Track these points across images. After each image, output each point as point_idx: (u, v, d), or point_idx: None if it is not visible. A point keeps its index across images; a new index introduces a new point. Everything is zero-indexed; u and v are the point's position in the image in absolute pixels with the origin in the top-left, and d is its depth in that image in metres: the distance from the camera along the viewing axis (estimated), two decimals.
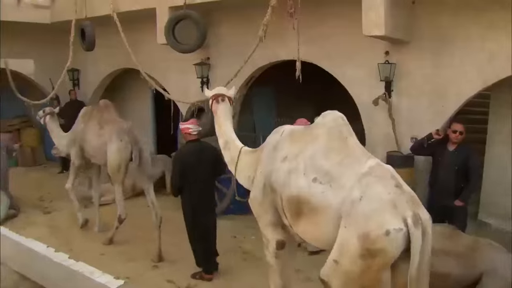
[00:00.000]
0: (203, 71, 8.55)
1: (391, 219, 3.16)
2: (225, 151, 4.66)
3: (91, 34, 8.82)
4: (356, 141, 3.75)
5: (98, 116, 7.04)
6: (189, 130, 5.58)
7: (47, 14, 10.32)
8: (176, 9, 7.54)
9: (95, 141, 6.84)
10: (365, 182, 3.32)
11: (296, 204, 3.63)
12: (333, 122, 3.80)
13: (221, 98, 4.76)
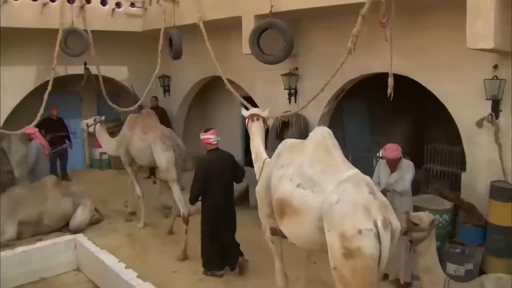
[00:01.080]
0: (291, 82, 8.33)
1: (363, 220, 3.66)
2: (255, 163, 5.46)
3: (178, 42, 8.99)
4: (339, 153, 4.34)
5: (142, 123, 8.07)
6: (209, 140, 6.20)
7: (140, 23, 10.76)
8: (262, 17, 7.40)
9: (139, 144, 7.82)
10: (342, 188, 3.87)
11: (280, 205, 4.33)
12: (321, 136, 4.45)
13: (256, 118, 5.61)
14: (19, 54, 10.22)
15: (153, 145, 7.48)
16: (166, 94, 12.10)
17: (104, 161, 12.84)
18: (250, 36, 7.31)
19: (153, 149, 7.48)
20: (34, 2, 9.48)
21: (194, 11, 8.53)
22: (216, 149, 6.25)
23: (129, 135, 8.08)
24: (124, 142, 8.19)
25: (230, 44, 9.24)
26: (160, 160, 7.41)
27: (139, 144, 7.84)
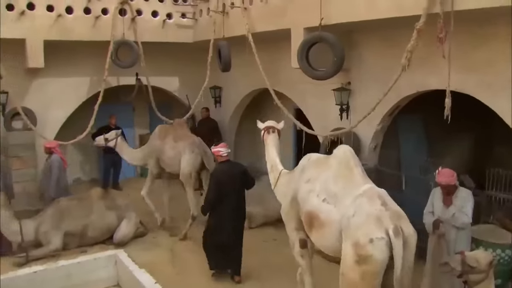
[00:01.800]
0: (343, 97, 7.99)
1: (375, 230, 4.10)
2: (270, 173, 5.98)
3: (226, 55, 8.88)
4: (360, 170, 4.80)
5: (173, 132, 8.75)
6: (220, 152, 6.62)
7: (190, 34, 10.78)
8: (311, 30, 7.13)
9: (171, 153, 8.50)
10: (358, 202, 4.37)
11: (309, 218, 4.85)
12: (343, 154, 4.95)
13: (272, 130, 6.17)
14: (72, 66, 10.51)
15: (183, 152, 8.31)
16: (217, 105, 12.01)
17: None
18: (299, 50, 7.05)
19: (182, 156, 8.30)
20: (86, 16, 9.69)
21: (243, 22, 8.40)
22: (227, 160, 6.70)
23: (160, 144, 8.68)
24: (154, 152, 8.77)
25: (280, 56, 9.02)
26: (184, 166, 8.26)
27: (170, 152, 8.51)
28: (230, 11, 9.09)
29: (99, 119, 11.50)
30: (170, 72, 11.71)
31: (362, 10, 6.34)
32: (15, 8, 9.09)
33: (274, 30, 8.12)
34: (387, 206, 4.27)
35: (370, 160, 7.89)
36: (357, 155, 7.89)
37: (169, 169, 8.68)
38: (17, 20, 9.09)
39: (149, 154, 8.90)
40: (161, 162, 8.74)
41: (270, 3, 8.05)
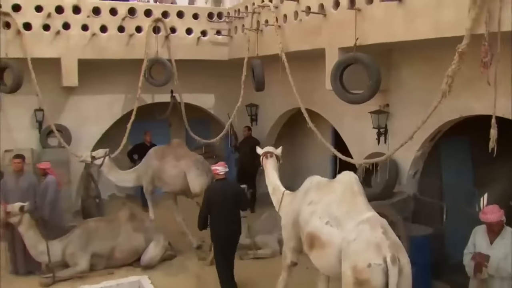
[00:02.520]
0: (380, 120, 7.56)
1: (374, 256, 4.34)
2: (273, 196, 6.30)
3: (260, 74, 8.65)
4: (363, 198, 5.06)
5: (173, 152, 8.93)
6: (217, 171, 6.82)
7: (225, 51, 10.62)
8: (346, 50, 6.76)
9: (173, 171, 8.70)
10: (360, 228, 4.61)
11: (311, 239, 5.11)
12: (348, 180, 5.19)
13: (270, 155, 6.56)
14: (106, 84, 10.59)
15: (188, 171, 8.55)
16: (254, 123, 11.78)
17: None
18: (332, 72, 6.69)
19: (188, 174, 8.53)
20: (120, 34, 9.71)
21: (277, 41, 8.13)
22: (223, 179, 6.87)
23: (158, 165, 8.88)
24: (150, 172, 8.95)
25: (316, 74, 8.66)
26: (194, 184, 8.45)
27: (173, 171, 8.71)
28: (264, 28, 8.86)
29: (135, 136, 11.61)
30: (205, 89, 11.61)
31: (400, 30, 5.93)
32: (51, 28, 9.20)
33: (308, 49, 7.81)
34: (387, 235, 4.52)
35: (409, 188, 7.42)
36: (394, 182, 7.62)
37: (168, 188, 8.95)
38: (53, 40, 9.22)
39: (143, 175, 9.05)
40: (158, 181, 8.98)
41: (304, 22, 7.74)
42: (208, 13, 10.47)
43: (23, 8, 9.04)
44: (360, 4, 6.45)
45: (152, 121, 11.52)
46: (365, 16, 6.40)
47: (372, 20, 6.32)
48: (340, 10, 6.91)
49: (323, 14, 7.20)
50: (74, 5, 9.35)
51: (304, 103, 8.78)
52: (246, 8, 9.57)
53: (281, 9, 8.33)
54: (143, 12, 9.89)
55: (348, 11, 6.59)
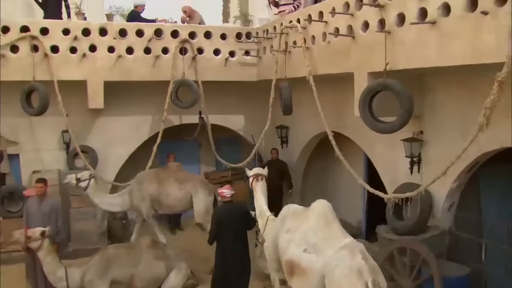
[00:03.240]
0: (413, 148, 7.09)
1: (356, 282, 4.68)
2: (259, 218, 6.78)
3: (287, 98, 8.33)
4: (337, 224, 5.40)
5: (173, 175, 9.09)
6: (224, 193, 7.17)
7: (254, 72, 10.36)
8: (376, 75, 6.34)
9: (179, 194, 8.88)
10: (340, 254, 4.92)
11: (290, 266, 5.38)
12: (322, 208, 5.57)
13: (260, 178, 7.09)
14: (133, 105, 10.50)
15: (195, 192, 8.79)
16: (284, 146, 11.42)
17: None
18: (360, 99, 6.27)
19: (194, 196, 8.77)
20: (147, 56, 9.59)
21: (305, 63, 7.78)
22: (230, 201, 7.21)
23: (158, 188, 8.95)
24: (148, 196, 8.97)
25: (347, 97, 8.23)
26: (200, 205, 8.73)
27: (179, 194, 8.88)
28: (292, 50, 8.54)
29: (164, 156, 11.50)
30: (234, 110, 11.37)
31: (433, 55, 5.47)
32: (78, 50, 9.18)
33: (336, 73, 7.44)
34: (366, 261, 4.81)
35: (444, 222, 6.87)
36: (428, 215, 7.09)
37: (168, 210, 9.23)
38: (79, 62, 9.19)
39: (139, 200, 9.03)
40: (158, 205, 9.05)
41: (333, 44, 7.37)
42: (237, 33, 10.23)
43: (51, 31, 9.06)
44: (390, 26, 6.04)
45: (181, 141, 11.37)
46: (396, 39, 5.97)
47: (403, 43, 5.89)
48: (369, 33, 6.50)
49: (352, 36, 6.82)
50: (101, 27, 9.30)
51: (334, 127, 8.44)
52: (274, 29, 9.29)
53: (309, 30, 7.99)
54: (170, 33, 9.74)
55: (378, 33, 6.19)
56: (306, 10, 8.42)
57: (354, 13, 6.81)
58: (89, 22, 9.38)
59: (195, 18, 10.76)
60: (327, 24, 7.46)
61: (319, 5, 7.92)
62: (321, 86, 7.85)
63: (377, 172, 8.37)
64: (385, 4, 6.11)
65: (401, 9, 5.88)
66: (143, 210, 9.11)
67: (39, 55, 9.00)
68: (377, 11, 6.22)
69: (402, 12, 5.88)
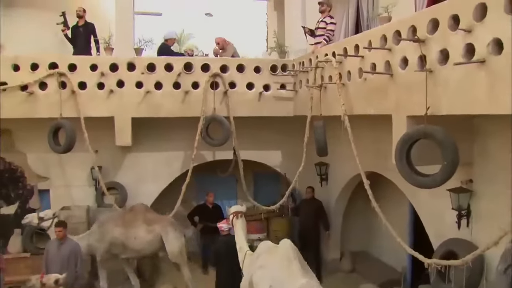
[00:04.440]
0: (461, 200, 6.18)
1: None
2: (239, 253, 7.02)
3: (321, 139, 7.63)
4: (297, 263, 5.75)
5: (141, 217, 8.69)
6: (222, 228, 7.66)
7: (291, 107, 9.72)
8: (416, 120, 5.55)
9: (148, 237, 8.54)
10: None
11: None
12: (285, 247, 6.01)
13: (240, 215, 7.27)
14: (164, 141, 10.14)
15: (165, 234, 8.51)
16: (323, 183, 10.65)
17: (255, 249, 11.86)
18: (397, 148, 5.48)
19: (165, 237, 8.49)
20: (176, 91, 9.17)
21: (340, 101, 7.07)
22: (228, 234, 7.65)
23: (123, 231, 8.50)
24: (108, 240, 8.51)
25: (389, 135, 7.42)
26: (173, 246, 8.47)
27: (148, 237, 8.53)
28: (328, 85, 7.84)
29: (200, 190, 11.04)
30: (271, 146, 10.73)
31: (482, 100, 4.63)
32: (105, 86, 8.89)
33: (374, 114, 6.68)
34: None
35: (499, 286, 5.88)
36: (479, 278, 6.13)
37: (135, 254, 8.73)
38: (106, 98, 8.90)
39: (98, 243, 8.54)
40: (120, 248, 8.58)
41: (369, 81, 6.63)
42: (271, 66, 9.63)
43: (79, 67, 8.85)
44: (431, 64, 5.26)
45: (218, 175, 10.85)
46: (438, 79, 5.18)
47: (446, 84, 5.09)
48: (408, 70, 5.73)
49: (390, 74, 6.07)
50: (129, 62, 8.99)
51: (375, 167, 7.67)
52: (310, 62, 8.64)
53: (345, 64, 7.30)
54: (200, 66, 9.29)
55: (418, 72, 5.41)
56: (341, 43, 7.76)
57: (392, 47, 6.07)
58: (116, 57, 9.08)
59: (228, 50, 10.29)
60: (363, 59, 6.75)
61: (355, 37, 7.24)
62: (360, 122, 7.19)
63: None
64: (425, 38, 5.36)
65: (444, 45, 5.11)
66: (98, 253, 8.58)
67: (66, 91, 8.79)
68: (417, 46, 5.47)
69: (445, 48, 5.11)
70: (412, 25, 5.68)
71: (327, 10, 8.92)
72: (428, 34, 5.34)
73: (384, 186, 8.94)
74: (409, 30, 5.73)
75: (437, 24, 5.24)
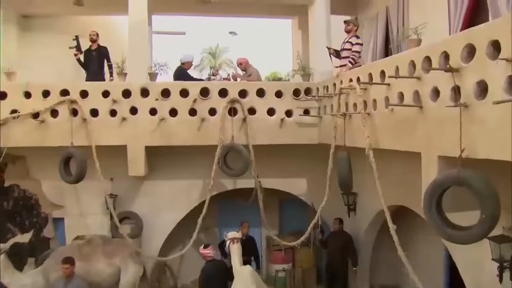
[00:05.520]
0: (503, 250, 5.32)
1: None
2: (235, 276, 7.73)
3: (344, 172, 6.93)
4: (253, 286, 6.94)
5: (100, 250, 8.43)
6: (208, 253, 7.98)
7: (315, 133, 8.99)
8: (449, 161, 4.77)
9: (106, 270, 8.33)
10: None
11: None
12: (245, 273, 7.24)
13: (236, 240, 7.84)
14: (180, 168, 9.63)
15: (124, 266, 8.36)
16: (351, 214, 9.84)
17: (279, 279, 11.20)
18: (426, 196, 4.69)
19: (124, 269, 8.35)
20: (192, 118, 8.62)
21: (364, 133, 6.34)
22: (212, 260, 8.04)
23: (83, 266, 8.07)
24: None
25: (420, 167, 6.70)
26: (127, 278, 8.30)
27: (107, 270, 8.33)
28: (352, 114, 7.12)
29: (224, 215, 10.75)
30: (295, 173, 10.03)
31: None
32: (118, 113, 8.45)
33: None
34: None
35: None
36: None
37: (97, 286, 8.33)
38: (119, 126, 8.44)
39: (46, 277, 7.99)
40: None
41: (396, 112, 5.87)
42: (294, 90, 8.96)
43: (90, 94, 8.45)
44: (467, 97, 4.48)
45: (241, 202, 10.26)
46: (475, 116, 4.38)
47: (483, 122, 4.29)
48: (440, 104, 4.96)
49: (419, 106, 5.31)
50: (142, 88, 8.52)
51: (404, 201, 7.17)
52: (334, 86, 7.94)
53: (370, 92, 6.57)
54: (218, 92, 8.72)
55: (451, 106, 4.66)
56: (366, 67, 7.04)
57: (421, 76, 5.32)
58: (129, 82, 8.62)
59: (250, 72, 9.70)
60: (389, 87, 6.01)
61: (381, 62, 6.51)
62: (388, 152, 6.39)
63: None
64: (459, 68, 4.59)
65: (482, 76, 4.33)
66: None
67: (78, 119, 8.40)
68: (450, 76, 4.71)
69: (483, 80, 4.33)
70: (444, 51, 4.92)
71: (354, 29, 8.23)
72: (463, 62, 4.58)
73: (418, 219, 8.11)
74: (441, 56, 4.99)
75: (474, 50, 4.47)
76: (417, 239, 9.00)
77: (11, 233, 9.51)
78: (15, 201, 9.50)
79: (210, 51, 50.69)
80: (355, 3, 11.17)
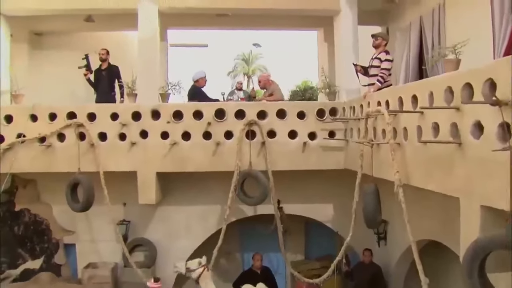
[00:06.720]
0: None
1: None
2: None
3: (371, 208, 6.07)
4: None
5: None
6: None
7: (341, 158, 8.17)
8: (494, 213, 3.92)
9: None
10: None
11: None
12: None
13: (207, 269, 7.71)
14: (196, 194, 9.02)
15: None
16: (381, 243, 8.97)
17: None
18: (465, 259, 3.83)
19: None
20: (206, 141, 7.93)
21: (393, 166, 5.50)
22: None
23: None
24: None
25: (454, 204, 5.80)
26: None
27: None
28: (381, 140, 6.27)
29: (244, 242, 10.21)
30: (320, 199, 9.22)
31: None
32: (127, 137, 7.85)
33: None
34: None
35: None
36: None
37: None
38: (128, 151, 7.83)
39: None
40: None
41: (430, 146, 5.02)
42: (318, 110, 8.16)
43: (98, 117, 7.90)
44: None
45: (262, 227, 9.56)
46: None
47: None
48: (483, 142, 4.10)
49: (458, 143, 4.45)
50: (153, 110, 7.90)
51: (438, 235, 6.59)
52: (361, 108, 7.12)
53: (400, 119, 5.73)
54: (234, 113, 8.01)
55: (495, 146, 3.80)
56: (396, 89, 6.20)
57: (460, 107, 4.46)
58: (139, 104, 8.02)
59: (271, 90, 8.96)
60: (422, 115, 5.16)
61: (412, 86, 5.66)
62: None
63: None
64: (508, 101, 3.73)
65: None
66: None
67: (85, 143, 7.86)
68: (496, 110, 3.85)
69: None
70: (489, 78, 4.07)
71: (383, 44, 7.38)
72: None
73: (452, 256, 7.21)
74: (485, 84, 4.13)
75: None
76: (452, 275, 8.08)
77: (21, 259, 9.07)
78: (26, 226, 9.06)
79: (244, 57, 50.31)
80: (386, 13, 10.29)
